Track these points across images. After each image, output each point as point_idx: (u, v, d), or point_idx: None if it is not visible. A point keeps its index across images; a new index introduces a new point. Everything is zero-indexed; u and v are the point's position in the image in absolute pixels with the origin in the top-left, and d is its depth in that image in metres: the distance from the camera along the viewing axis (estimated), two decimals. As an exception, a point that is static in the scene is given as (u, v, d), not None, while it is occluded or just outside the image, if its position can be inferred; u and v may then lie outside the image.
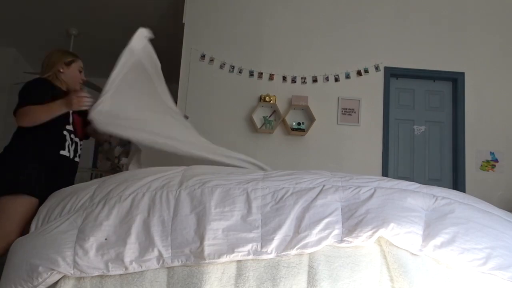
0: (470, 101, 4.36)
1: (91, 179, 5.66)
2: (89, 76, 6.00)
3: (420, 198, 1.79)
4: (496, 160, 4.27)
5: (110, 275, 1.63)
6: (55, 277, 1.62)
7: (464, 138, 4.29)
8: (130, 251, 1.62)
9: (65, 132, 2.27)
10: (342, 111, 4.32)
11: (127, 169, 2.50)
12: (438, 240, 1.62)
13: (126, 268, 1.62)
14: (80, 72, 2.60)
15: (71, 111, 2.28)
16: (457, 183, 4.18)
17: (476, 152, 4.29)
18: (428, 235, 1.65)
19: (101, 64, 6.34)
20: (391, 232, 1.61)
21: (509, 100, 4.39)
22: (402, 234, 1.62)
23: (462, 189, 4.10)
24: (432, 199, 1.80)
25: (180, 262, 1.62)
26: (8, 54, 5.98)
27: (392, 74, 4.40)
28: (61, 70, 2.40)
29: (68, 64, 2.46)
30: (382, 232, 1.61)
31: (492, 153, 4.29)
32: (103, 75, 7.22)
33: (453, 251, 1.60)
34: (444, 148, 4.37)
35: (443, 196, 1.82)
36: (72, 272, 1.61)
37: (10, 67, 5.99)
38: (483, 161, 4.28)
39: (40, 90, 2.26)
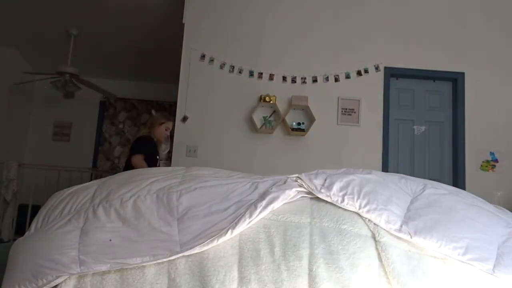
0: (470, 101, 4.36)
1: (91, 179, 5.66)
2: (89, 76, 6.03)
3: (409, 183, 1.87)
4: (496, 160, 4.28)
5: (110, 276, 1.63)
6: (60, 279, 1.62)
7: (464, 138, 4.29)
8: (136, 251, 1.63)
9: None
10: (342, 111, 4.31)
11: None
12: (418, 225, 1.64)
13: (130, 264, 1.62)
14: (167, 130, 3.65)
15: (158, 159, 3.48)
16: (457, 183, 4.18)
17: (476, 152, 4.29)
18: (409, 218, 1.68)
19: (101, 64, 6.37)
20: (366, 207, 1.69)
21: (509, 100, 4.39)
22: (378, 210, 1.67)
23: (462, 189, 4.10)
24: (421, 187, 1.85)
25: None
26: (8, 54, 5.97)
27: (392, 74, 4.40)
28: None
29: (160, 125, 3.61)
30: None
31: (492, 153, 4.29)
32: (103, 75, 7.28)
33: (433, 237, 1.61)
34: (444, 148, 4.37)
35: (433, 186, 1.86)
36: (78, 270, 1.60)
37: (10, 67, 5.99)
38: (483, 161, 4.28)
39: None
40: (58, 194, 1.96)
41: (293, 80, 4.35)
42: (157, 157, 3.51)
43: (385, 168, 4.21)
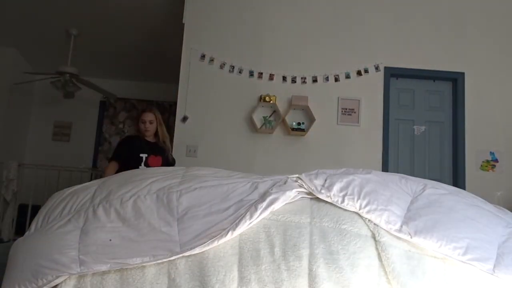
0: (470, 101, 4.36)
1: (91, 179, 5.66)
2: (89, 76, 6.03)
3: (409, 183, 1.87)
4: (496, 160, 4.28)
5: (110, 276, 1.63)
6: (60, 279, 1.62)
7: (464, 138, 4.29)
8: (136, 251, 1.63)
9: None
10: (342, 111, 4.32)
11: None
12: (418, 225, 1.64)
13: (130, 265, 1.61)
14: (143, 123, 3.37)
15: (144, 156, 3.20)
16: (457, 183, 4.18)
17: (476, 152, 4.29)
18: (409, 218, 1.68)
19: (101, 64, 6.37)
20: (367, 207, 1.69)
21: (509, 100, 4.39)
22: (379, 211, 1.67)
23: (462, 189, 4.10)
24: (421, 187, 1.86)
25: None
26: (8, 54, 5.97)
27: (392, 74, 4.40)
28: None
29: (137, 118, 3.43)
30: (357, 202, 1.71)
31: (492, 153, 4.29)
32: (103, 75, 7.27)
33: (433, 237, 1.61)
34: (444, 148, 4.37)
35: (433, 186, 1.86)
36: (78, 270, 1.60)
37: (10, 67, 5.99)
38: (483, 161, 4.28)
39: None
40: (58, 194, 1.96)
41: (293, 80, 4.35)
42: (141, 154, 3.22)
43: (385, 168, 4.21)
